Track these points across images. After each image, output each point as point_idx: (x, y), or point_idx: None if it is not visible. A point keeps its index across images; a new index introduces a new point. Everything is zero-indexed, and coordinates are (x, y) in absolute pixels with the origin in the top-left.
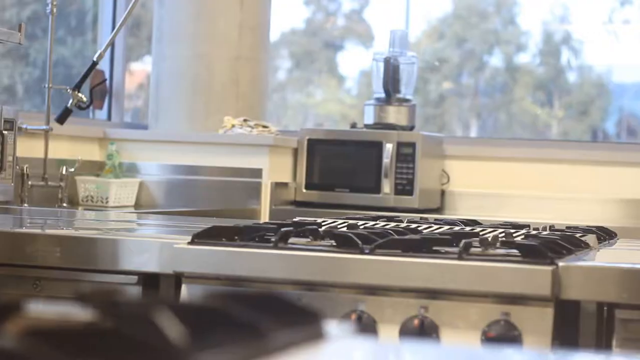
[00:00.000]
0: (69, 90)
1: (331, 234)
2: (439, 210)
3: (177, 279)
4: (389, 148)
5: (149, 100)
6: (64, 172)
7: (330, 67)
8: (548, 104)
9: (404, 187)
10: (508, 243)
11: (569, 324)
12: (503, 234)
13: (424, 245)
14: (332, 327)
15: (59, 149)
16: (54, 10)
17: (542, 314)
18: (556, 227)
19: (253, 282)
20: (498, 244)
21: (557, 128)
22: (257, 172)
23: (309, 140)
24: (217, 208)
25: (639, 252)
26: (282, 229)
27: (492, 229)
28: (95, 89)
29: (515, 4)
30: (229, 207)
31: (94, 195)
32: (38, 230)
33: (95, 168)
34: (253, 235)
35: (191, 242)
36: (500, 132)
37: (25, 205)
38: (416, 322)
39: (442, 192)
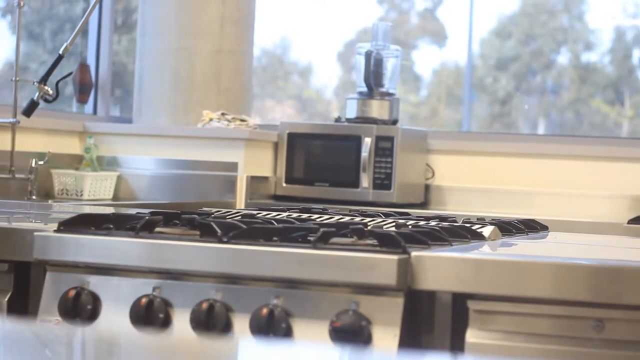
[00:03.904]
0: (35, 84)
1: (197, 223)
2: (422, 205)
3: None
4: (367, 142)
5: (134, 94)
6: (33, 164)
7: (402, 66)
8: (618, 103)
9: (382, 181)
10: (372, 233)
11: (424, 314)
12: (393, 225)
13: (287, 234)
14: None
15: (35, 143)
16: (22, 2)
17: (391, 304)
18: (486, 220)
19: (113, 270)
20: (367, 235)
21: (627, 127)
22: (233, 166)
23: (289, 134)
24: (192, 201)
25: (549, 246)
26: (148, 218)
27: (392, 222)
28: (61, 81)
29: (584, 1)
30: (205, 200)
31: (69, 188)
32: None
33: (75, 161)
34: (125, 224)
35: (57, 230)
36: (568, 131)
37: None
38: (264, 311)
39: (427, 187)
